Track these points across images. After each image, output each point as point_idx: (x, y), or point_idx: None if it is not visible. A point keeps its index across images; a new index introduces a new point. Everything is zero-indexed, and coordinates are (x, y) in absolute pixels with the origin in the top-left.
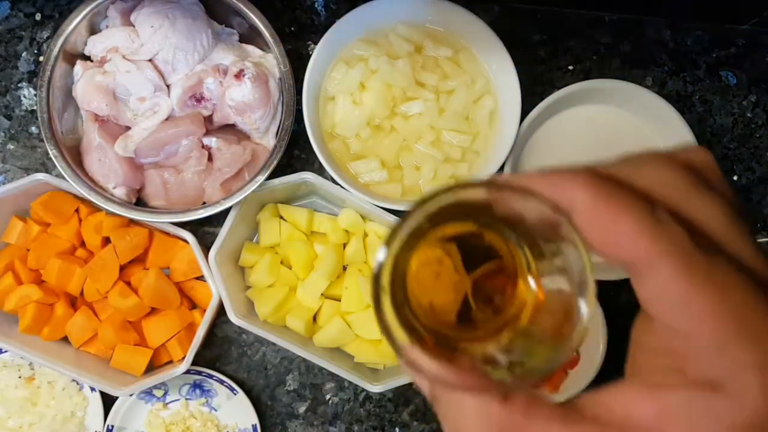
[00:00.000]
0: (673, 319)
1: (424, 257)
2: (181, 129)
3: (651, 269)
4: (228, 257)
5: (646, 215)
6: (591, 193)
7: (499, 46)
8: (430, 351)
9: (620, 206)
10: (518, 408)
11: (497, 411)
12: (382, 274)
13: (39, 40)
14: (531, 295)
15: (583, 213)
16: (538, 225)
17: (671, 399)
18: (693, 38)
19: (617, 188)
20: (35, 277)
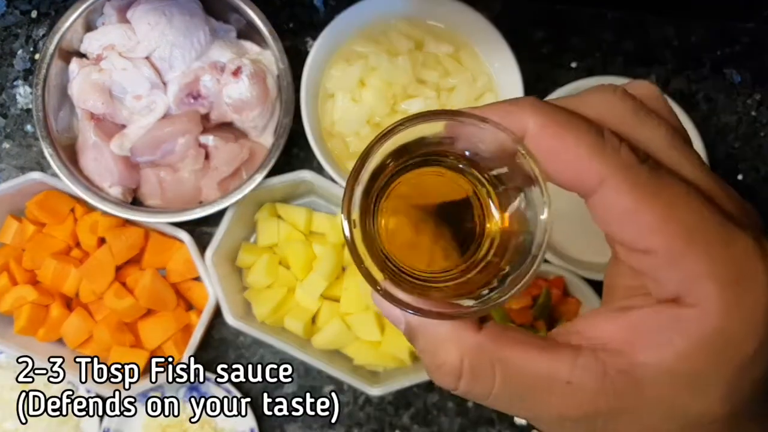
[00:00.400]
0: (626, 236)
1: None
2: (177, 127)
3: (600, 188)
4: (225, 257)
5: (592, 135)
6: (539, 117)
7: (502, 42)
8: (404, 286)
9: (567, 128)
10: (492, 336)
11: (472, 338)
12: (350, 207)
13: (35, 37)
14: (496, 231)
15: (533, 137)
16: (496, 156)
17: (637, 317)
18: (697, 36)
19: (564, 112)
20: (30, 278)
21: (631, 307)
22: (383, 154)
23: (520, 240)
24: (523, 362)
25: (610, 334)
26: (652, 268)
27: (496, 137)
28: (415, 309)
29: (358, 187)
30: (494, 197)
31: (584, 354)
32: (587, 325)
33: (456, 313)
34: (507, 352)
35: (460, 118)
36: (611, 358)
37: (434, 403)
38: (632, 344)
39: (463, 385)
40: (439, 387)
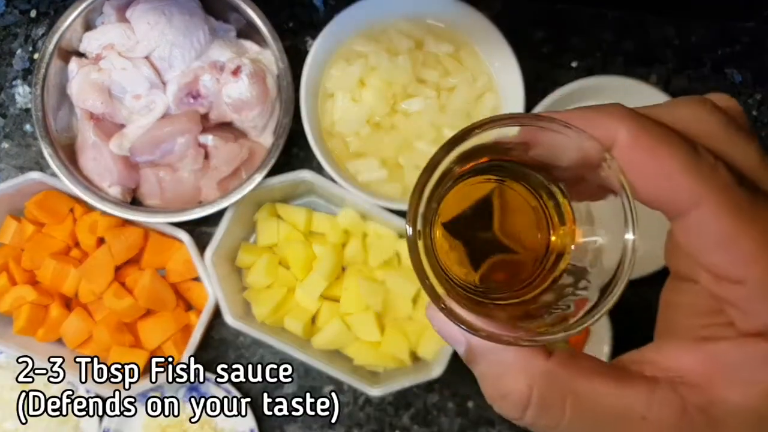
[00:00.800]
0: (718, 262)
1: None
2: (176, 127)
3: (695, 209)
4: (224, 258)
5: (687, 151)
6: (631, 128)
7: (502, 42)
8: (465, 303)
9: (661, 142)
10: (563, 364)
11: (542, 365)
12: (417, 217)
13: (34, 37)
14: (566, 247)
15: (623, 148)
16: (575, 166)
17: (719, 350)
18: (697, 36)
19: (657, 125)
20: (30, 278)
21: (712, 338)
22: (451, 159)
23: (595, 259)
24: (597, 394)
25: (689, 366)
26: (742, 298)
27: (579, 146)
28: (485, 332)
29: (424, 195)
30: (566, 210)
31: (661, 387)
32: (661, 355)
33: (530, 338)
34: (579, 382)
35: (543, 123)
36: (690, 394)
37: (434, 403)
38: (713, 379)
39: (530, 417)
40: (439, 387)
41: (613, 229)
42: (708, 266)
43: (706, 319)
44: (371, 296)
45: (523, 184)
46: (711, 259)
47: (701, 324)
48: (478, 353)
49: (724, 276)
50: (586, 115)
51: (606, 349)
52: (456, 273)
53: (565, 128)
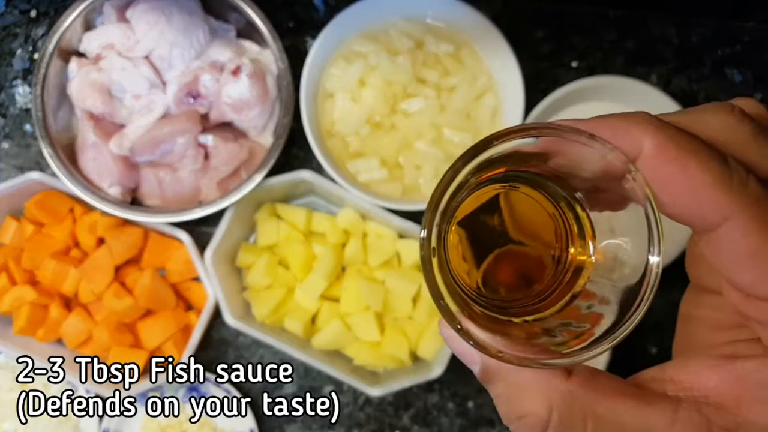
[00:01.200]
0: (747, 280)
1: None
2: (176, 127)
3: (726, 224)
4: (224, 258)
5: (716, 163)
6: (658, 138)
7: (502, 42)
8: (480, 321)
9: (690, 153)
10: (583, 384)
11: (562, 386)
12: (431, 234)
13: (34, 37)
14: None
15: (649, 159)
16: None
17: (746, 369)
18: (698, 35)
19: (684, 135)
20: (29, 278)
21: (737, 356)
22: (469, 170)
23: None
24: (618, 415)
25: (714, 385)
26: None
27: (602, 157)
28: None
29: (440, 209)
30: (585, 222)
31: (685, 408)
32: (684, 374)
33: (546, 361)
34: (600, 403)
35: (565, 133)
36: (716, 414)
37: (434, 403)
38: (739, 400)
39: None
40: (439, 387)
41: (636, 243)
42: (735, 283)
43: (730, 334)
44: (371, 296)
45: (542, 193)
46: (739, 276)
47: (725, 340)
48: (493, 373)
49: (752, 293)
50: (610, 124)
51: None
52: (471, 285)
53: (589, 139)
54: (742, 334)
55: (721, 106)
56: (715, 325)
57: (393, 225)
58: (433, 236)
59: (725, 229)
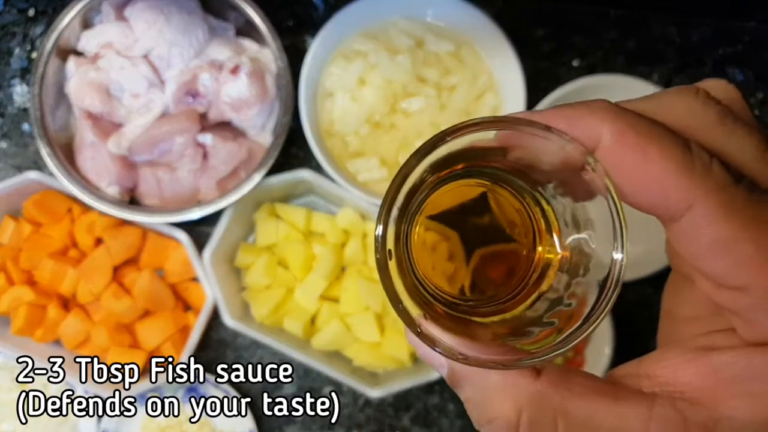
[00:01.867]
0: (717, 270)
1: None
2: (175, 126)
3: (690, 212)
4: (223, 258)
5: (678, 149)
6: (616, 127)
7: (503, 41)
8: (445, 323)
9: (650, 140)
10: (553, 383)
11: (530, 386)
12: (386, 236)
13: (32, 36)
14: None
15: (608, 149)
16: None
17: (722, 361)
18: (699, 34)
19: (645, 122)
20: (27, 278)
21: (713, 348)
22: (423, 168)
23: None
24: (590, 414)
25: (689, 379)
26: (745, 307)
27: (560, 148)
28: (465, 358)
29: (394, 210)
30: (551, 217)
31: (660, 404)
32: (659, 368)
33: (512, 362)
34: (571, 403)
35: (519, 126)
36: (692, 410)
37: (434, 404)
38: (717, 394)
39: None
40: (439, 388)
41: (601, 237)
42: (705, 272)
43: (707, 324)
44: (371, 297)
45: (507, 188)
46: (708, 265)
47: (702, 331)
48: (461, 377)
49: (723, 283)
50: (567, 114)
51: (607, 350)
52: (437, 283)
53: (544, 131)
54: (719, 324)
55: (686, 89)
56: (693, 316)
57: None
58: (389, 238)
59: (690, 218)
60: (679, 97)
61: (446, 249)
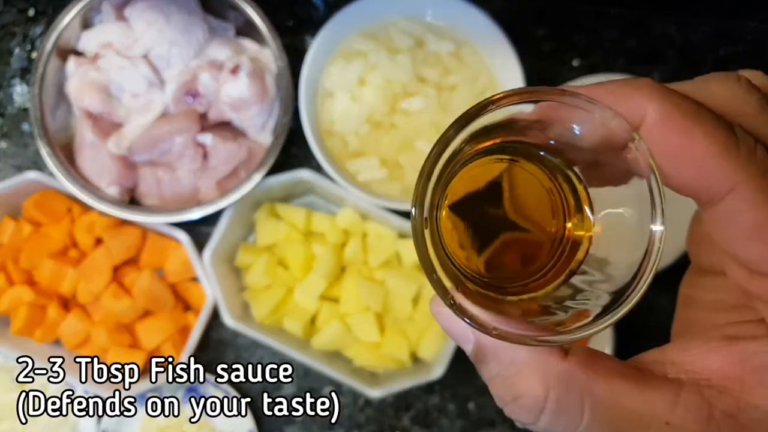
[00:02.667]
0: (753, 255)
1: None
2: (175, 126)
3: (731, 196)
4: (223, 258)
5: (723, 132)
6: (663, 106)
7: (503, 40)
8: (475, 298)
9: (696, 122)
10: (581, 364)
11: (559, 365)
12: (423, 203)
13: (32, 36)
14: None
15: (653, 127)
16: (597, 147)
17: (750, 350)
18: (699, 34)
19: (690, 103)
20: (27, 278)
21: (740, 337)
22: (461, 139)
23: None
24: (618, 397)
25: (716, 368)
26: None
27: (603, 124)
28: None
29: (432, 179)
30: (582, 197)
31: (687, 391)
32: (686, 355)
33: (546, 338)
34: (598, 384)
35: (564, 98)
36: (718, 398)
37: (435, 404)
38: (743, 382)
39: (545, 422)
40: (439, 388)
41: (635, 218)
42: (740, 259)
43: (732, 315)
44: (371, 297)
45: (538, 165)
46: (744, 250)
47: (728, 321)
48: (488, 352)
49: (758, 269)
50: (612, 90)
51: (607, 350)
52: (465, 262)
53: (589, 104)
54: (745, 315)
55: (728, 75)
56: (716, 306)
57: (393, 225)
58: (426, 207)
59: (731, 201)
60: (721, 82)
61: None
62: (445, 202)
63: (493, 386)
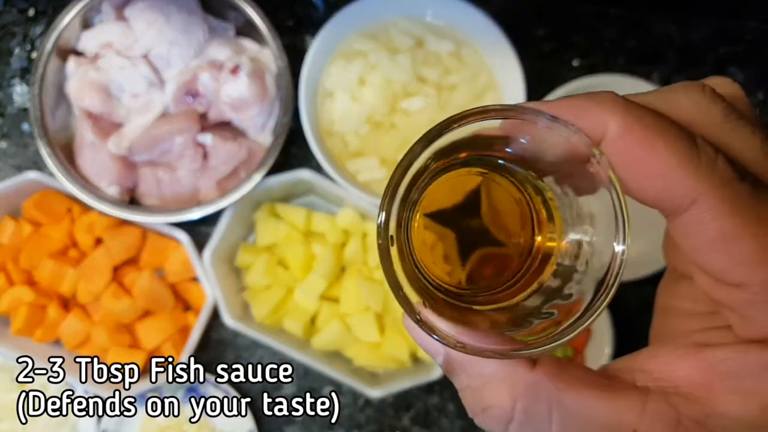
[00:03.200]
0: (717, 265)
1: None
2: (175, 126)
3: (693, 207)
4: (223, 258)
5: (684, 143)
6: (624, 119)
7: (503, 40)
8: (444, 311)
9: (656, 134)
10: (549, 375)
11: (526, 378)
12: (389, 221)
13: (32, 36)
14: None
15: (614, 141)
16: (562, 161)
17: (717, 357)
18: (699, 34)
19: (651, 115)
20: (27, 278)
21: (709, 343)
22: (427, 156)
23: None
24: (584, 406)
25: (684, 375)
26: (742, 303)
27: (566, 140)
28: (463, 346)
29: (396, 197)
30: (553, 207)
31: (654, 398)
32: (655, 363)
33: (509, 351)
34: (566, 394)
35: (525, 115)
36: (685, 405)
37: (435, 404)
38: (710, 389)
39: (513, 431)
40: (439, 388)
41: (603, 230)
42: (705, 268)
43: (703, 321)
44: (371, 297)
45: (508, 177)
46: (708, 261)
47: (698, 327)
48: (457, 365)
49: (722, 279)
50: (574, 105)
51: (607, 350)
52: (436, 272)
53: (551, 121)
54: (715, 321)
55: (692, 85)
56: (688, 312)
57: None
58: (392, 224)
59: (694, 212)
60: (685, 92)
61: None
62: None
63: (464, 397)
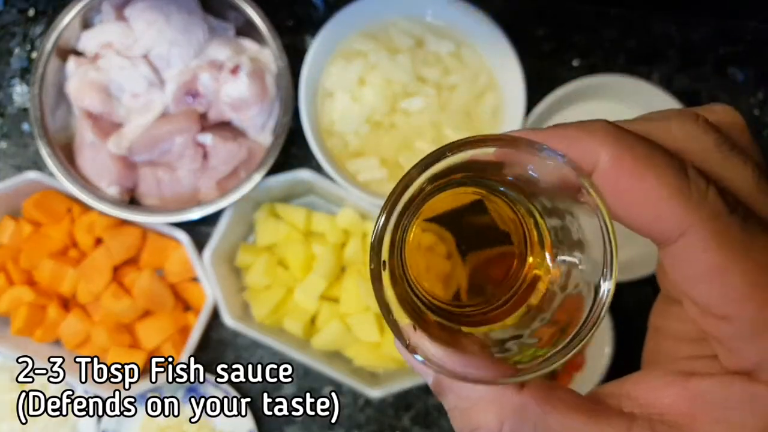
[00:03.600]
0: (705, 297)
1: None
2: (175, 126)
3: (683, 239)
4: (223, 258)
5: (675, 174)
6: (615, 149)
7: (503, 40)
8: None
9: (647, 165)
10: (536, 398)
11: (513, 401)
12: (381, 247)
13: (32, 36)
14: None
15: (605, 173)
16: (554, 189)
17: (702, 387)
18: (700, 34)
19: (643, 144)
20: (27, 278)
21: (694, 373)
22: (422, 180)
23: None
24: (571, 429)
25: (669, 402)
26: (729, 336)
27: (557, 169)
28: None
29: (391, 221)
30: (544, 230)
31: (639, 425)
32: (641, 389)
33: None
34: (552, 417)
35: (519, 146)
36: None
37: (434, 404)
38: (694, 418)
39: None
40: None
41: (592, 257)
42: (693, 299)
43: (691, 348)
44: (371, 297)
45: (502, 198)
46: (697, 292)
47: (685, 354)
48: (446, 386)
49: (709, 311)
50: (566, 135)
51: (607, 350)
52: (429, 289)
53: (542, 152)
54: (703, 350)
55: (686, 114)
56: (679, 337)
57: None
58: (384, 249)
59: (683, 244)
60: (678, 121)
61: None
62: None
63: (452, 418)
